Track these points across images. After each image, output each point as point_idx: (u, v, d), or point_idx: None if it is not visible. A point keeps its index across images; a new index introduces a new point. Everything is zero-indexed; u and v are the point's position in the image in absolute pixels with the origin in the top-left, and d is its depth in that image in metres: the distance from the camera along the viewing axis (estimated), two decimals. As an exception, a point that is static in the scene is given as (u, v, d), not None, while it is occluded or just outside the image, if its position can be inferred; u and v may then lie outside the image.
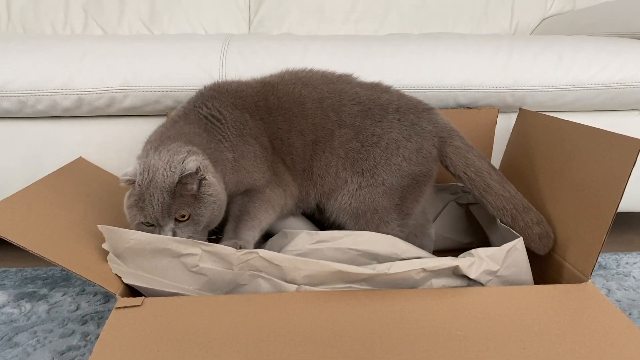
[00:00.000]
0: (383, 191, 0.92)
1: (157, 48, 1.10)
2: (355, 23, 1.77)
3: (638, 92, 1.11)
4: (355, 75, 0.99)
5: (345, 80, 0.97)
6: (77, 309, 0.95)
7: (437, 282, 0.76)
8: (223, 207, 0.82)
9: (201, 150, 0.82)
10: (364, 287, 0.74)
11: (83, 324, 0.90)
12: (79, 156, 1.10)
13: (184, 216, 0.78)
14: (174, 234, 0.78)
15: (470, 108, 1.13)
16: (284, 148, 0.92)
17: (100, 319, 0.92)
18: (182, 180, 0.76)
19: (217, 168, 0.84)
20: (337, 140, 0.92)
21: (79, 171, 1.06)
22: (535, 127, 1.03)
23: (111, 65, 1.06)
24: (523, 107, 1.12)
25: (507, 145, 1.14)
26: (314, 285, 0.74)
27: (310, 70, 0.98)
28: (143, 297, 0.69)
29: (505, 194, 0.90)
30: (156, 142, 0.82)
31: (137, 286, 0.73)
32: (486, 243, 1.07)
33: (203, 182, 0.78)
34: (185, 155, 0.77)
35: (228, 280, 0.74)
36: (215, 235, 0.86)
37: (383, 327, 0.65)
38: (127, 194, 0.80)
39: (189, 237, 0.78)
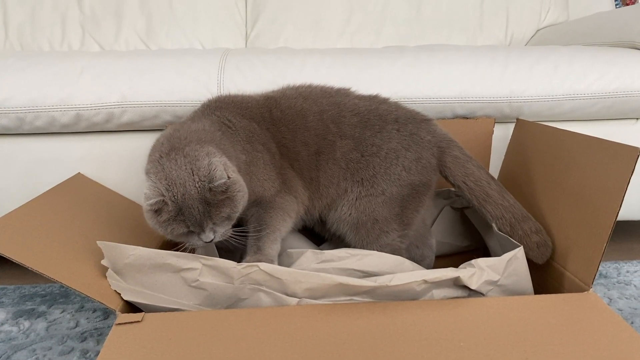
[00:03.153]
0: (383, 201, 0.92)
1: (155, 63, 1.11)
2: (351, 36, 1.78)
3: (634, 100, 1.12)
4: (353, 88, 1.00)
5: (343, 93, 0.98)
6: (76, 325, 0.95)
7: (438, 293, 0.76)
8: (247, 197, 0.82)
9: (214, 146, 0.80)
10: (366, 299, 0.74)
11: (82, 341, 0.90)
12: (77, 172, 1.10)
13: (223, 217, 0.78)
14: (214, 232, 0.78)
15: (467, 118, 1.14)
16: (290, 154, 0.93)
17: (99, 335, 0.91)
18: (214, 189, 0.75)
19: (232, 164, 0.83)
20: (339, 151, 0.93)
21: (78, 187, 1.06)
22: (533, 137, 1.03)
23: (109, 81, 1.06)
24: (520, 117, 1.13)
25: (505, 155, 1.14)
26: (315, 299, 0.74)
27: (310, 85, 0.99)
28: (143, 313, 0.69)
29: (504, 203, 0.91)
30: (166, 147, 0.78)
31: (137, 302, 0.73)
32: (483, 245, 1.08)
33: (229, 181, 0.77)
34: (207, 160, 0.75)
35: (229, 294, 0.74)
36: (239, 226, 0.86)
37: (385, 339, 0.64)
38: (152, 210, 0.76)
39: (224, 231, 0.79)
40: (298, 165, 0.93)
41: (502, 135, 1.14)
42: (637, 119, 1.19)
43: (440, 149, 0.95)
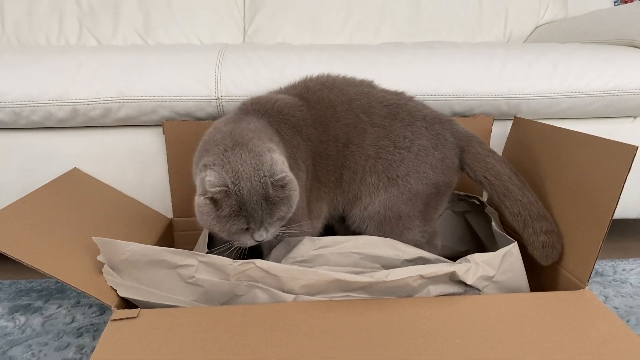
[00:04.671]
0: (408, 198, 0.92)
1: (152, 59, 1.10)
2: (350, 34, 1.78)
3: (632, 99, 1.12)
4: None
5: (368, 84, 0.98)
6: (73, 321, 0.95)
7: (434, 289, 0.77)
8: (298, 199, 0.81)
9: (275, 144, 0.80)
10: (362, 295, 0.74)
11: (78, 337, 0.90)
12: (73, 167, 1.10)
13: (280, 216, 0.77)
14: (267, 232, 0.78)
15: (466, 116, 1.14)
16: (322, 162, 0.91)
17: (95, 331, 0.91)
18: (274, 183, 0.74)
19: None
20: (369, 138, 0.92)
21: (74, 182, 1.05)
22: (530, 135, 1.03)
23: (106, 76, 1.06)
24: (518, 115, 1.13)
25: (502, 153, 1.14)
26: (311, 295, 0.74)
27: (329, 75, 0.98)
28: (139, 309, 0.69)
29: (523, 199, 0.89)
30: (229, 141, 0.76)
31: (133, 299, 0.73)
32: (482, 250, 1.05)
33: (288, 177, 0.76)
34: (269, 156, 0.75)
35: (225, 291, 0.74)
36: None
37: (381, 336, 0.64)
38: (212, 200, 0.73)
39: (273, 232, 0.79)
40: (326, 171, 0.91)
41: (499, 133, 1.14)
42: (635, 117, 1.19)
43: (460, 149, 0.94)
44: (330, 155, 0.91)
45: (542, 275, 0.89)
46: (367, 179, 0.92)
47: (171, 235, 1.17)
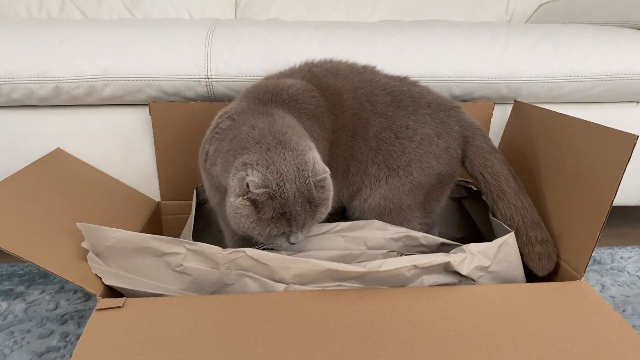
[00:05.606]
0: (410, 189, 0.91)
1: (140, 34, 1.08)
2: (346, 9, 1.75)
3: (636, 83, 1.12)
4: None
5: (371, 71, 0.96)
6: (56, 307, 0.95)
7: (428, 279, 0.77)
8: None
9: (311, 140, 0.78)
10: (355, 285, 0.75)
11: (62, 324, 0.90)
12: (56, 147, 1.09)
13: (319, 218, 0.75)
14: (302, 233, 0.75)
15: (466, 100, 1.13)
16: (333, 151, 0.89)
17: (80, 318, 0.91)
18: (317, 184, 0.72)
19: None
20: (372, 129, 0.91)
21: (57, 163, 1.04)
22: (530, 120, 1.03)
23: (90, 53, 1.04)
24: (518, 99, 1.12)
25: (501, 138, 1.14)
26: (303, 284, 0.74)
27: (332, 61, 0.97)
28: (125, 298, 0.69)
29: (517, 203, 0.89)
30: (271, 139, 0.73)
31: (119, 287, 0.73)
32: (478, 237, 1.08)
33: (327, 178, 0.75)
34: (310, 154, 0.73)
35: (214, 280, 0.74)
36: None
37: (374, 327, 0.65)
38: (253, 202, 0.70)
39: (307, 234, 0.77)
40: (335, 162, 0.90)
41: (499, 117, 1.14)
42: (638, 102, 1.19)
43: (465, 139, 0.94)
44: (340, 144, 0.90)
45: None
46: (370, 169, 0.92)
47: (159, 218, 1.16)
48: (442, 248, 0.88)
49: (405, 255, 0.87)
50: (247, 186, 0.69)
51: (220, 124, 0.82)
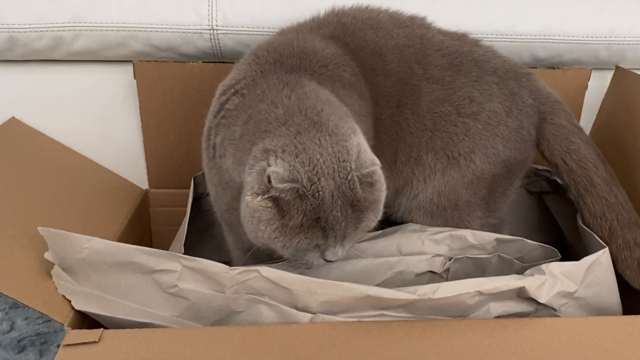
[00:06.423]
0: (470, 181, 0.91)
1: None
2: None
3: None
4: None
5: (421, 24, 0.94)
6: (11, 329, 0.93)
7: (495, 306, 0.76)
8: None
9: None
10: (401, 314, 0.74)
11: (20, 352, 0.88)
12: (11, 116, 1.08)
13: (365, 227, 0.72)
14: (343, 248, 0.72)
15: (553, 68, 1.12)
16: (376, 131, 0.87)
17: (43, 344, 0.90)
18: (362, 179, 0.68)
19: None
20: (425, 99, 0.89)
21: (11, 138, 1.04)
22: (636, 92, 1.02)
23: (57, -6, 1.04)
24: (621, 65, 1.11)
25: (597, 115, 1.15)
26: (334, 314, 0.73)
27: (367, 9, 0.94)
28: (102, 329, 0.67)
29: (610, 198, 0.88)
30: (301, 119, 0.69)
31: (93, 313, 0.71)
32: (563, 244, 1.06)
33: (377, 173, 0.71)
34: (355, 140, 0.69)
35: (218, 306, 0.73)
36: None
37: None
38: (277, 201, 0.67)
39: (350, 247, 0.74)
40: (380, 138, 0.87)
41: (595, 87, 1.14)
42: None
43: (541, 115, 0.92)
44: (382, 119, 0.87)
45: (637, 291, 0.88)
46: (423, 157, 0.90)
47: (146, 212, 1.18)
48: (500, 247, 0.89)
49: (455, 259, 0.87)
50: (269, 180, 0.64)
51: (225, 103, 0.78)
